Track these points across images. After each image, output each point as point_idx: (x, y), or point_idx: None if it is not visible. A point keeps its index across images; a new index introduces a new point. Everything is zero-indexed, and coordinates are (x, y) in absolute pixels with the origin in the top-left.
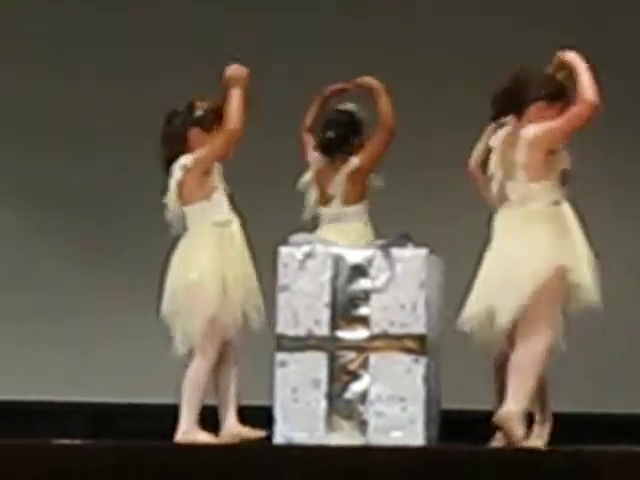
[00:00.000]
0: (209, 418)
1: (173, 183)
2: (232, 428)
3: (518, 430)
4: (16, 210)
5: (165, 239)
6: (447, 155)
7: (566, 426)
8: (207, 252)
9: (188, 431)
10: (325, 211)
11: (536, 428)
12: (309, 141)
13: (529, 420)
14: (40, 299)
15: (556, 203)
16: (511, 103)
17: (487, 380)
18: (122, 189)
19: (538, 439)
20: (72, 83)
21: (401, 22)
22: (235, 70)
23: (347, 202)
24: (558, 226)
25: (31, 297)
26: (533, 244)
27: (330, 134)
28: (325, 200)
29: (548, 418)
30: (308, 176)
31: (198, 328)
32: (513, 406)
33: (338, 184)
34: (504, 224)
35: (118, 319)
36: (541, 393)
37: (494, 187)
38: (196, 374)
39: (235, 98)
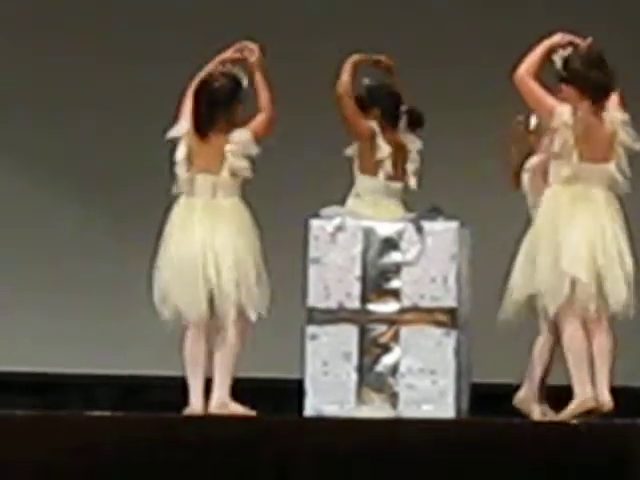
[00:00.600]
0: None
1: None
2: (218, 400)
3: None
4: (32, 178)
5: None
6: (476, 127)
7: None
8: None
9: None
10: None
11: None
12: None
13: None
14: (73, 272)
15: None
16: None
17: (516, 354)
18: (141, 157)
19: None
20: (84, 50)
21: None
22: (251, 53)
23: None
24: None
25: (57, 268)
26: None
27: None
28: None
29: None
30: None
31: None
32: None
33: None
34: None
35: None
36: None
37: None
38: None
39: (262, 83)
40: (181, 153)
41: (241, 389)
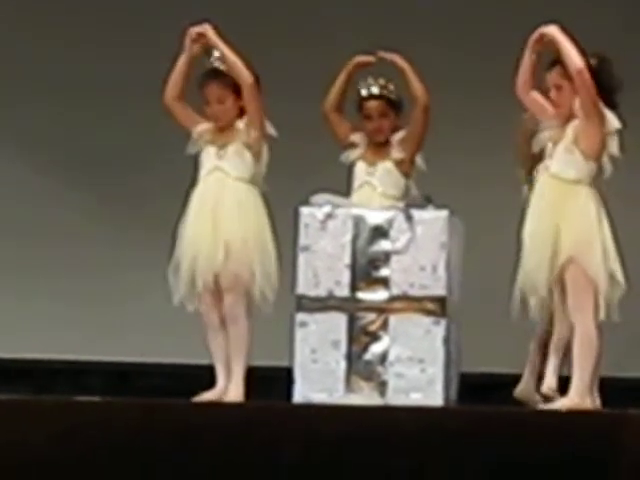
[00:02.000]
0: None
1: None
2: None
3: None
4: (33, 164)
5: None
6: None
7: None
8: None
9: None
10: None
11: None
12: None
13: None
14: (58, 255)
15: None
16: None
17: (507, 344)
18: (141, 144)
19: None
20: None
21: None
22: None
23: None
24: None
25: (49, 252)
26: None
27: None
28: None
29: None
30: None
31: None
32: None
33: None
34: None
35: (136, 276)
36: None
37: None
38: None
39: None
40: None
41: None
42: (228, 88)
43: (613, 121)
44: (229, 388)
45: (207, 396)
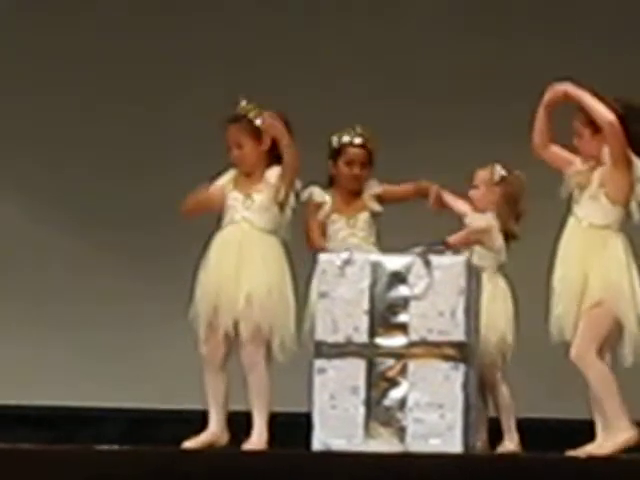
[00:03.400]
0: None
1: None
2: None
3: None
4: (50, 221)
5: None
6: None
7: None
8: None
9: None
10: None
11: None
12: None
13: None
14: (78, 308)
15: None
16: None
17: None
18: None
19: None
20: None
21: None
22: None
23: None
24: None
25: (68, 306)
26: None
27: None
28: None
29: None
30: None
31: None
32: None
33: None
34: None
35: (153, 326)
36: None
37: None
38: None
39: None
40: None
41: (249, 423)
42: (246, 133)
43: None
44: (252, 436)
45: (199, 440)
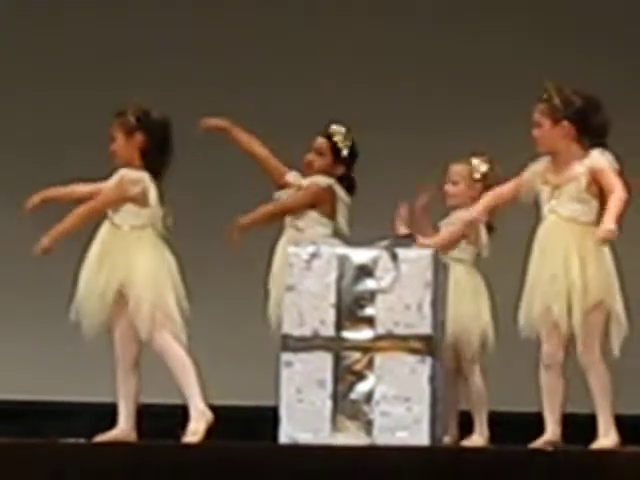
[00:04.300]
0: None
1: None
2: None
3: None
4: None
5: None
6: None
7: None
8: None
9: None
10: None
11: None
12: None
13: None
14: (42, 300)
15: None
16: None
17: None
18: None
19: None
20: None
21: None
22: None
23: None
24: None
25: (33, 298)
26: None
27: None
28: None
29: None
30: None
31: None
32: None
33: None
34: None
35: None
36: None
37: None
38: None
39: None
40: None
41: (216, 416)
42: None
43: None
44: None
45: (110, 435)
